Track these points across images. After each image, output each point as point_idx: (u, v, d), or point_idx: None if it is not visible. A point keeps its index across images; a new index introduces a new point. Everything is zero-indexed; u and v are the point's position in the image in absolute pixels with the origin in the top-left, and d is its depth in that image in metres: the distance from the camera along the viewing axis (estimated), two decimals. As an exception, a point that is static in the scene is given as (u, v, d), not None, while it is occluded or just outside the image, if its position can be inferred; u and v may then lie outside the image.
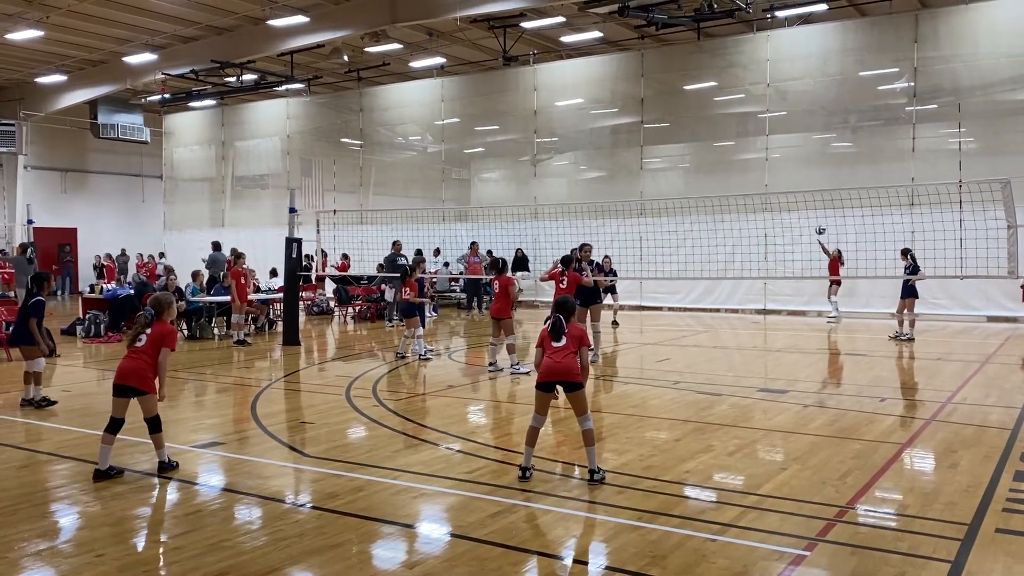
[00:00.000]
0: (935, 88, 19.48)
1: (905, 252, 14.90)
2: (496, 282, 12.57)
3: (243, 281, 15.98)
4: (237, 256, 16.45)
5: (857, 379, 11.57)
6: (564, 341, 6.39)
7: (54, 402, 9.52)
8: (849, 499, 5.82)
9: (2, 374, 12.39)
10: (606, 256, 17.44)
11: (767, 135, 20.92)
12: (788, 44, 20.78)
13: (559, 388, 6.37)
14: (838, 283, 18.20)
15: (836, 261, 17.57)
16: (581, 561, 4.84)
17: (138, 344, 6.67)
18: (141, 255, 30.18)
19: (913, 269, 14.73)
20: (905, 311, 15.32)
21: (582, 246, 13.01)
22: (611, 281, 17.33)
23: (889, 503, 5.88)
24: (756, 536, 5.12)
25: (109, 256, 29.51)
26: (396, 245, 19.65)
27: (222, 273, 19.53)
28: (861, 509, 5.64)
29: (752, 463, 6.93)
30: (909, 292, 15.22)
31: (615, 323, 18.18)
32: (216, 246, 24.58)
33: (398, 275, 18.90)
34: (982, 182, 12.63)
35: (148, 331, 6.70)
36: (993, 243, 11.68)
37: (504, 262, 13.48)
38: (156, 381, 6.67)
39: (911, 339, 15.03)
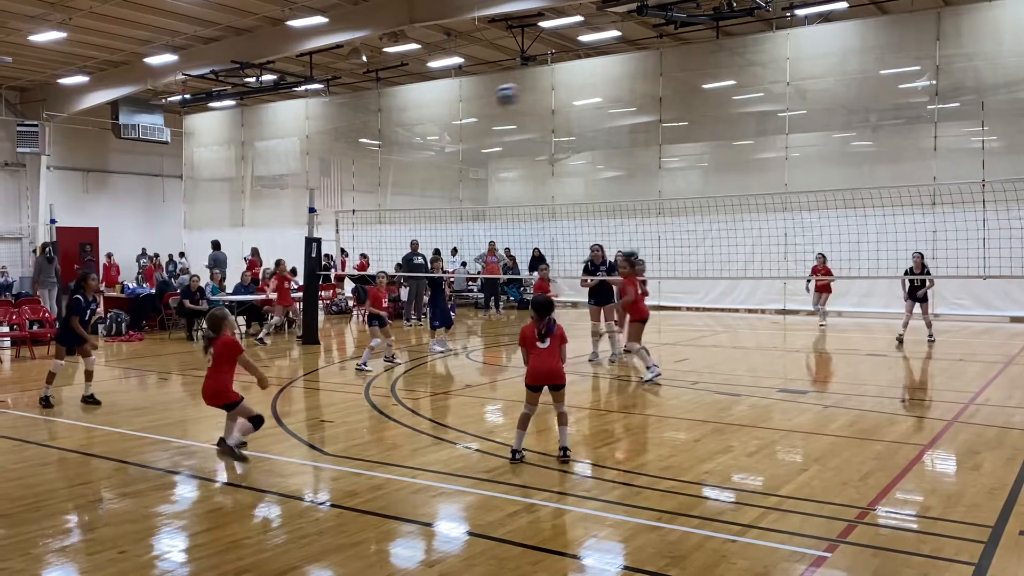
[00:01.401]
0: (957, 86, 19.26)
1: (921, 256, 14.51)
2: (631, 287, 10.87)
3: (286, 285, 16.19)
4: (277, 262, 16.58)
5: (878, 380, 11.48)
6: (548, 343, 6.85)
7: (51, 406, 9.39)
8: (870, 500, 5.77)
9: (26, 372, 12.54)
10: (619, 252, 17.18)
11: (787, 134, 20.79)
12: (808, 42, 20.63)
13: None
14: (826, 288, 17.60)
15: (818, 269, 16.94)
16: (600, 561, 4.83)
17: (209, 365, 7.08)
18: (158, 255, 30.40)
19: (928, 272, 14.39)
20: (924, 312, 14.90)
21: (592, 248, 12.99)
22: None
23: (911, 505, 5.83)
24: (776, 537, 5.09)
25: (109, 256, 29.64)
26: (413, 244, 19.71)
27: (242, 273, 19.63)
28: (882, 511, 5.59)
29: (772, 464, 6.89)
30: (924, 295, 14.83)
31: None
32: (216, 245, 24.72)
33: (419, 275, 19.06)
34: (1006, 181, 12.49)
35: (212, 349, 7.06)
36: (1017, 243, 11.55)
37: (636, 256, 11.54)
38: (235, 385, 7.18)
39: (933, 340, 14.77)
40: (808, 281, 17.29)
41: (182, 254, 30.14)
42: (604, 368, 12.23)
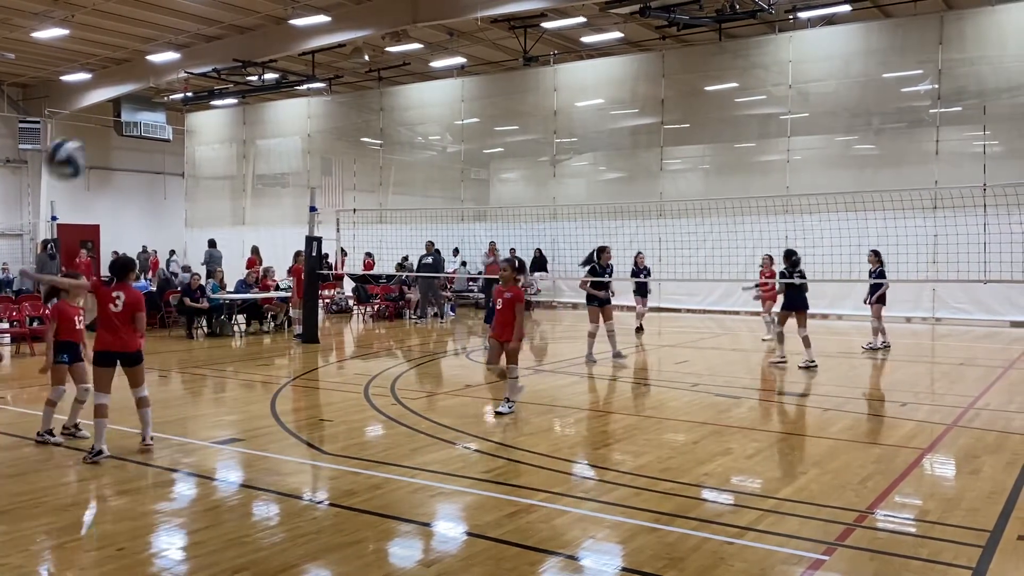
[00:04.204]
0: (960, 90, 19.26)
1: (877, 255, 14.11)
2: (508, 293, 8.92)
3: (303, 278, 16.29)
4: (298, 255, 16.60)
5: (878, 383, 11.47)
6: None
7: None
8: (869, 504, 5.77)
9: (25, 368, 12.54)
10: (639, 252, 16.98)
11: (788, 137, 20.77)
12: (811, 45, 20.62)
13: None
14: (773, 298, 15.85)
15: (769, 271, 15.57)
16: (598, 562, 4.83)
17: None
18: (156, 251, 30.37)
19: (880, 273, 14.02)
20: (873, 319, 14.39)
21: (601, 249, 13.06)
22: (638, 280, 16.85)
23: (909, 508, 5.82)
24: (774, 540, 5.09)
25: (83, 251, 29.35)
26: (428, 246, 19.73)
27: (248, 272, 19.62)
28: (881, 514, 5.59)
29: (771, 466, 6.89)
30: (880, 297, 14.33)
31: (639, 329, 17.13)
32: (211, 243, 24.78)
33: (429, 274, 19.13)
34: (1007, 185, 12.49)
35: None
36: (1018, 247, 11.53)
37: (523, 263, 10.56)
38: None
39: (887, 346, 14.27)
40: (755, 287, 16.06)
41: (172, 252, 29.97)
42: (603, 369, 12.22)
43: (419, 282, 20.20)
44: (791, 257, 12.51)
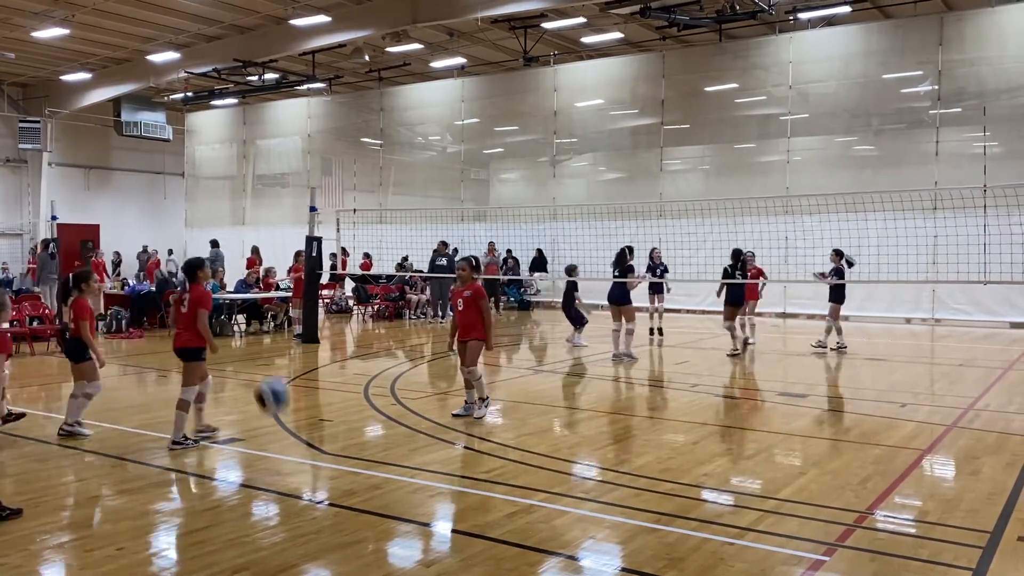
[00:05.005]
0: (960, 91, 19.27)
1: (839, 254, 13.97)
2: (468, 292, 8.67)
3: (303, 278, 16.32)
4: (298, 255, 16.58)
5: (877, 384, 11.47)
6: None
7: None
8: (869, 504, 5.77)
9: (25, 368, 12.54)
10: (654, 248, 16.82)
11: (788, 137, 20.76)
12: (811, 46, 20.62)
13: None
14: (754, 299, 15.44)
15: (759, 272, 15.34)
16: (598, 563, 4.83)
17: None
18: (156, 251, 30.35)
19: (838, 272, 13.89)
20: (828, 318, 14.29)
21: (631, 248, 13.30)
22: (655, 279, 16.64)
23: (909, 509, 5.82)
24: (774, 540, 5.09)
25: (93, 253, 29.38)
26: (440, 246, 19.69)
27: (248, 272, 19.64)
28: (881, 515, 5.59)
29: (770, 467, 6.89)
30: (837, 297, 14.17)
31: (652, 331, 16.80)
32: (214, 244, 24.79)
33: (432, 273, 19.12)
34: (1007, 186, 12.48)
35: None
36: (1018, 248, 11.55)
37: (478, 261, 9.51)
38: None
39: (844, 347, 14.20)
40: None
41: (170, 251, 29.97)
42: (603, 369, 12.23)
43: (431, 283, 20.20)
44: (739, 256, 13.53)
